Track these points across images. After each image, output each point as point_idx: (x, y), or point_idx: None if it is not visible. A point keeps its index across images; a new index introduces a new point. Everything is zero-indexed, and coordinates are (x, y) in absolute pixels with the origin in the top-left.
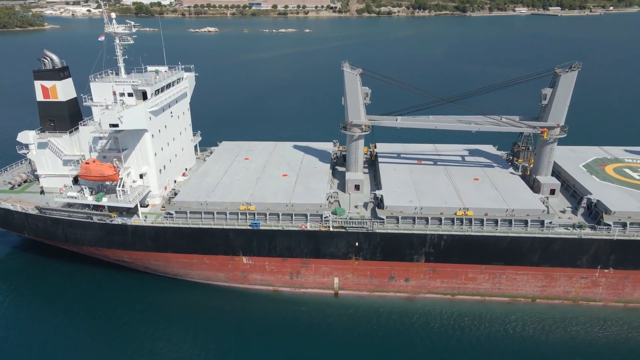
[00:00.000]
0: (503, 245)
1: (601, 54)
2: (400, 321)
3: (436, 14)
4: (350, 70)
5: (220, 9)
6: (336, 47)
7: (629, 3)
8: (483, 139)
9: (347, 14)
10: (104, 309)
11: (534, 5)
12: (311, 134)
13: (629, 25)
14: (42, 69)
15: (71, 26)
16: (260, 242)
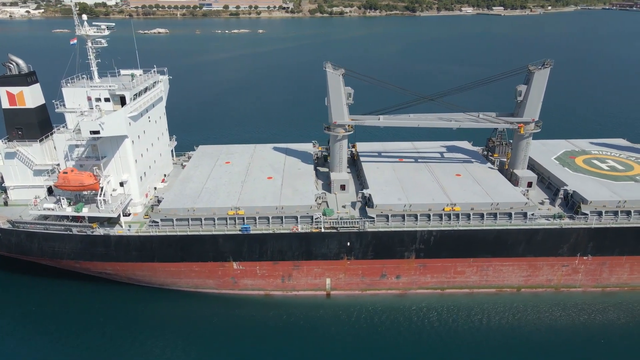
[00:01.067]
0: (490, 238)
1: (551, 51)
2: (393, 318)
3: (387, 14)
4: (333, 70)
5: (169, 10)
6: (291, 47)
7: (566, 3)
8: (458, 135)
9: (300, 14)
10: (86, 325)
11: (479, 5)
12: (282, 134)
13: (567, 23)
14: (7, 75)
15: (9, 28)
16: (250, 246)
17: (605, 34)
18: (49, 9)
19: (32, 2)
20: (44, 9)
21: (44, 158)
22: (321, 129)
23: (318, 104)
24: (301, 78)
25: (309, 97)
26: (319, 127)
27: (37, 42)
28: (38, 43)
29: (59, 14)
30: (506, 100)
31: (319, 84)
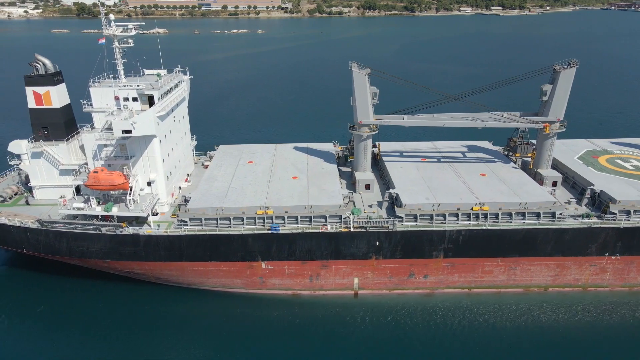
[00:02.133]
0: (518, 238)
1: (560, 50)
2: (420, 318)
3: (386, 14)
4: (359, 70)
5: (168, 10)
6: (292, 47)
7: (564, 3)
8: (478, 135)
9: (299, 15)
10: (113, 324)
11: (477, 5)
12: (294, 134)
13: (569, 23)
14: (34, 75)
15: (8, 28)
16: (280, 246)
17: (611, 33)
18: (47, 9)
19: (31, 2)
20: (42, 9)
21: (70, 158)
22: (331, 129)
23: (326, 104)
24: (305, 78)
25: (317, 97)
26: (328, 126)
27: (39, 42)
28: (40, 43)
29: (57, 14)
30: (526, 99)
31: (324, 83)
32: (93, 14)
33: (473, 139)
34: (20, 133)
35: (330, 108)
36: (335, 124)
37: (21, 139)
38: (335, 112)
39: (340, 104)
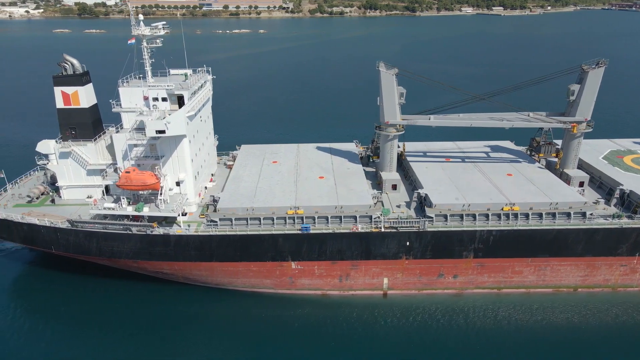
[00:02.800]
0: (549, 238)
1: (574, 50)
2: (449, 318)
3: (387, 14)
4: (386, 70)
5: (169, 10)
6: (294, 47)
7: (565, 3)
8: (500, 135)
9: (300, 14)
10: (141, 324)
11: (478, 5)
12: (304, 134)
13: (572, 23)
14: (62, 75)
15: (9, 29)
16: (310, 246)
17: (614, 33)
18: (48, 9)
19: (32, 2)
20: (43, 9)
21: (98, 158)
22: (340, 128)
23: (332, 103)
24: (309, 78)
25: (322, 97)
26: (336, 125)
27: (40, 42)
28: (42, 43)
29: (59, 14)
30: (547, 99)
31: (327, 83)
32: (94, 13)
33: (494, 138)
34: (39, 133)
35: (337, 108)
36: (345, 124)
37: (36, 138)
38: (342, 111)
39: (346, 104)
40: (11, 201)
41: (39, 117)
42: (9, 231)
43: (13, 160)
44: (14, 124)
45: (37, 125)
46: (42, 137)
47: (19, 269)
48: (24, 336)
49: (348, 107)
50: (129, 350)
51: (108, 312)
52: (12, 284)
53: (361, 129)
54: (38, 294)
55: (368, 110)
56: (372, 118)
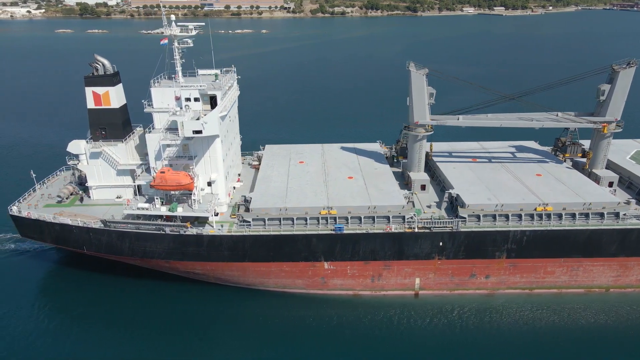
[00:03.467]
0: (582, 238)
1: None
2: (481, 318)
3: (388, 14)
4: (416, 70)
5: (171, 10)
6: (296, 47)
7: (567, 3)
8: (523, 135)
9: (302, 14)
10: (173, 325)
11: (480, 5)
12: (313, 134)
13: (572, 23)
14: (93, 75)
15: (10, 29)
16: (343, 246)
17: (617, 33)
18: (49, 9)
19: (33, 2)
20: (45, 9)
21: (128, 158)
22: (347, 128)
23: (337, 103)
24: (312, 78)
25: (327, 96)
26: (343, 126)
27: (40, 42)
28: (42, 43)
29: (60, 14)
30: (571, 99)
31: (330, 82)
32: (96, 13)
33: (518, 138)
34: (64, 133)
35: (340, 108)
36: (348, 124)
37: (62, 138)
38: (345, 112)
39: (347, 104)
40: (41, 201)
41: (63, 118)
42: (41, 231)
43: (39, 161)
44: (38, 124)
45: (62, 125)
46: (67, 137)
47: (46, 269)
48: (51, 336)
49: (350, 107)
50: (157, 350)
51: (137, 311)
52: (40, 284)
53: (369, 128)
54: (66, 294)
55: (374, 110)
56: (378, 118)
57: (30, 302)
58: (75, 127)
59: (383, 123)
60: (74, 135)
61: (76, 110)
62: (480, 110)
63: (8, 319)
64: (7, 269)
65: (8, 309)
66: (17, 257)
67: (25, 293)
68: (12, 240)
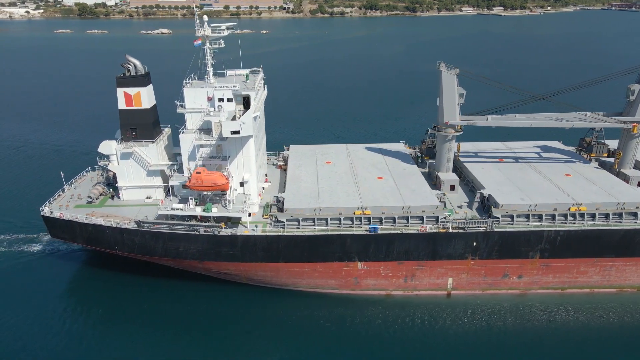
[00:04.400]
0: (616, 238)
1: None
2: (514, 318)
3: (387, 14)
4: (447, 71)
5: (170, 10)
6: (297, 47)
7: (565, 3)
8: (546, 135)
9: (301, 15)
10: (205, 325)
11: (479, 5)
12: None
13: (573, 23)
14: (125, 76)
15: (10, 29)
16: (378, 246)
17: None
18: (48, 9)
19: (31, 2)
20: (43, 9)
21: (158, 158)
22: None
23: (340, 103)
24: (316, 77)
25: (327, 96)
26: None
27: (40, 42)
28: (43, 43)
29: (59, 14)
30: (597, 98)
31: (333, 82)
32: (94, 14)
33: (541, 139)
34: (89, 134)
35: (345, 107)
36: (345, 124)
37: (87, 139)
38: (351, 111)
39: (346, 104)
40: (71, 202)
41: (82, 118)
42: (73, 232)
43: (62, 162)
44: (62, 126)
45: (81, 126)
46: (88, 137)
47: (75, 270)
48: (88, 337)
49: (352, 106)
50: (188, 350)
51: (167, 312)
52: (68, 285)
53: (371, 128)
54: (95, 294)
55: (376, 110)
56: (381, 118)
57: (59, 302)
58: (94, 127)
59: (386, 122)
60: (95, 135)
61: (95, 110)
62: (506, 110)
63: (34, 320)
64: (35, 269)
65: (36, 309)
66: (45, 258)
67: (54, 293)
68: (38, 241)
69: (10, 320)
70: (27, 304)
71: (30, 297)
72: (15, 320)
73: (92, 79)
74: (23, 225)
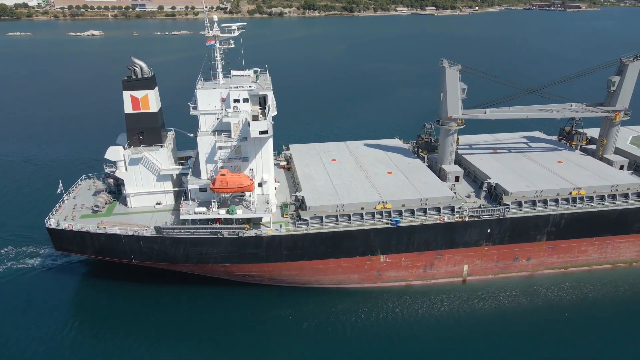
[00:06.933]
0: (612, 218)
1: None
2: (523, 298)
3: (326, 14)
4: (450, 67)
5: (99, 11)
6: (238, 48)
7: (491, 3)
8: (528, 126)
9: (239, 15)
10: (228, 328)
11: (412, 5)
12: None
13: (502, 21)
14: (131, 78)
15: None
16: (399, 238)
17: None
18: None
19: None
20: None
21: (169, 163)
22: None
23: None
24: None
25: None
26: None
27: None
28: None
29: None
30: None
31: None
32: (15, 15)
33: (522, 130)
34: (84, 141)
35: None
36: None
37: (78, 147)
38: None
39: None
40: (75, 212)
41: (59, 127)
42: (82, 243)
43: (50, 172)
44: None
45: (63, 134)
46: (74, 146)
47: (77, 282)
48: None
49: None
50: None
51: (189, 318)
52: (73, 298)
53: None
54: (110, 306)
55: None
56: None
57: (66, 317)
58: (76, 135)
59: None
60: (79, 143)
61: (70, 118)
62: (500, 103)
63: (42, 338)
64: (35, 285)
65: (41, 326)
66: (45, 273)
67: (59, 309)
68: (32, 255)
69: (15, 339)
70: (30, 321)
71: (35, 314)
72: (21, 339)
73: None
74: (11, 239)
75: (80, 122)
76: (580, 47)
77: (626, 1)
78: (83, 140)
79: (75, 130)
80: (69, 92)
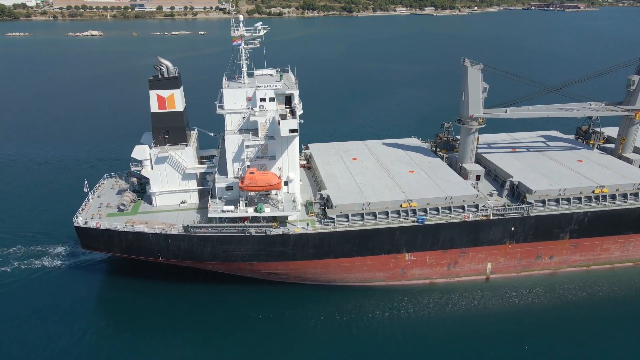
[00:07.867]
0: (635, 216)
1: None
2: (546, 296)
3: (325, 15)
4: (472, 66)
5: (98, 11)
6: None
7: (490, 3)
8: (541, 125)
9: (238, 15)
10: (253, 326)
11: (411, 5)
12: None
13: (502, 22)
14: (158, 78)
15: None
16: (424, 237)
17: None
18: None
19: None
20: None
21: (194, 161)
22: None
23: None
24: None
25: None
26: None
27: None
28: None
29: None
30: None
31: None
32: (14, 15)
33: (539, 129)
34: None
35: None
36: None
37: (96, 146)
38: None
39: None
40: (101, 211)
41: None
42: (110, 242)
43: (72, 171)
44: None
45: (80, 134)
46: (91, 145)
47: (102, 280)
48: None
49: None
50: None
51: (218, 315)
52: (100, 296)
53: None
54: (141, 302)
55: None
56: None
57: (92, 316)
58: (91, 134)
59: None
60: (96, 142)
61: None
62: (520, 103)
63: (70, 337)
64: (58, 283)
65: (65, 324)
66: (69, 271)
67: (85, 307)
68: (51, 254)
69: (43, 337)
70: (55, 319)
71: (60, 312)
72: (49, 335)
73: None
74: (34, 237)
75: (94, 121)
76: (585, 47)
77: (624, 1)
78: (100, 139)
79: (91, 129)
80: (71, 92)
